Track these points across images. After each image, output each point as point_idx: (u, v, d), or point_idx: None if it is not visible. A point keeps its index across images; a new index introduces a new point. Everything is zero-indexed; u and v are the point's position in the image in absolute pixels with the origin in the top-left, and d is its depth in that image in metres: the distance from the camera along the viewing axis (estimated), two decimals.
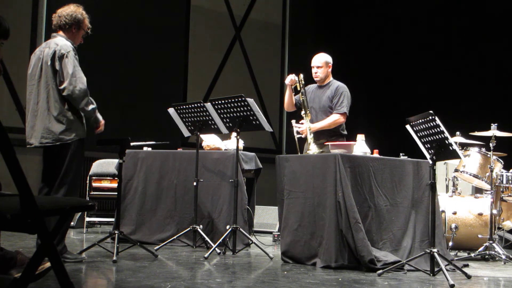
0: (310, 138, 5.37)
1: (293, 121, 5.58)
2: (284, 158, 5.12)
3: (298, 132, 5.51)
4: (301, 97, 5.56)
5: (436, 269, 4.32)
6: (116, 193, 5.66)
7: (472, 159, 5.87)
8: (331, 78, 5.72)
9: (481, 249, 5.44)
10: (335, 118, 5.54)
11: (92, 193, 7.13)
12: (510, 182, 5.67)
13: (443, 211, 5.73)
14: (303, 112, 5.54)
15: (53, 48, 4.40)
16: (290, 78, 5.59)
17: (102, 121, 4.60)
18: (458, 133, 6.10)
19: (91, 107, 4.45)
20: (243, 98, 5.23)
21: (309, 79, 5.65)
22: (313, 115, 5.59)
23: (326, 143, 5.30)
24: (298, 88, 5.64)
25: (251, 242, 5.66)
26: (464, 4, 8.97)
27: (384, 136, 7.49)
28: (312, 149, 5.27)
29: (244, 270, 4.53)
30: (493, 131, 5.59)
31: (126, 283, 3.69)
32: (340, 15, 10.44)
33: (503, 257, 5.25)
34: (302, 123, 5.51)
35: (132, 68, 8.92)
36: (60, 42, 4.43)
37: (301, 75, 5.55)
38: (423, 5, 9.43)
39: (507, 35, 8.47)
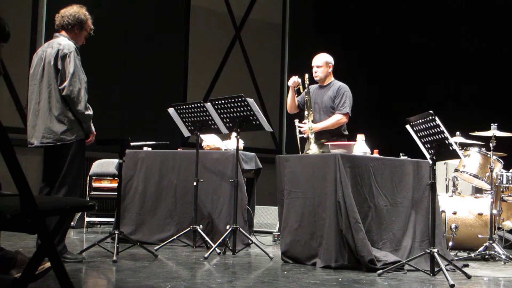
0: (311, 138, 5.37)
1: (296, 121, 5.57)
2: (284, 158, 5.12)
3: (300, 132, 5.51)
4: (305, 96, 5.56)
5: (436, 269, 4.33)
6: (116, 193, 5.66)
7: (472, 159, 5.87)
8: (332, 78, 5.72)
9: (481, 249, 5.44)
10: (338, 118, 5.54)
11: (92, 193, 7.13)
12: (510, 182, 5.67)
13: (443, 211, 5.73)
14: (306, 112, 5.53)
15: (56, 48, 4.40)
16: (293, 80, 5.59)
17: (94, 132, 4.55)
18: (458, 133, 6.10)
19: (87, 112, 4.43)
20: (243, 98, 5.23)
21: (310, 80, 5.65)
22: (315, 115, 5.58)
23: (326, 143, 5.30)
24: (301, 90, 5.64)
25: (251, 242, 5.66)
26: (465, 5, 8.97)
27: (384, 136, 7.50)
28: (313, 148, 5.27)
29: (244, 270, 4.53)
30: (493, 131, 5.59)
31: (126, 283, 3.69)
32: (340, 15, 10.44)
33: (503, 257, 5.26)
34: (304, 123, 5.50)
35: (132, 68, 8.92)
36: (63, 42, 4.44)
37: (306, 75, 5.54)
38: (424, 5, 9.44)
39: (508, 35, 8.47)
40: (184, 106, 5.73)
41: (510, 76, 8.33)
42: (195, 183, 5.59)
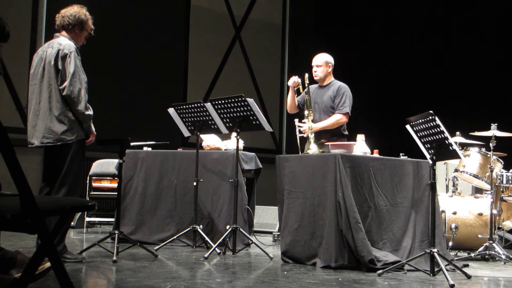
0: (311, 137, 5.36)
1: (296, 120, 5.57)
2: (284, 158, 5.12)
3: (300, 131, 5.51)
4: (305, 96, 5.56)
5: (436, 269, 4.33)
6: (116, 193, 5.66)
7: (472, 159, 5.87)
8: (332, 78, 5.72)
9: (481, 249, 5.44)
10: (338, 118, 5.54)
11: (92, 193, 7.13)
12: (510, 182, 5.67)
13: (443, 211, 5.74)
14: (306, 111, 5.53)
15: (56, 48, 4.41)
16: (293, 80, 5.59)
17: (94, 132, 4.55)
18: (458, 133, 6.10)
19: (87, 112, 4.44)
20: (243, 98, 5.23)
21: (310, 79, 5.65)
22: (315, 114, 5.58)
23: (326, 143, 5.30)
24: (301, 90, 5.64)
25: (251, 242, 5.66)
26: (465, 4, 8.97)
27: (384, 136, 7.50)
28: (312, 148, 5.27)
29: (244, 270, 4.53)
30: (493, 131, 5.59)
31: (126, 283, 3.69)
32: (340, 15, 10.44)
33: (503, 257, 5.26)
34: (304, 122, 5.50)
35: (132, 68, 8.92)
36: (63, 42, 4.45)
37: (306, 75, 5.55)
38: (423, 4, 9.44)
39: (508, 34, 8.47)
40: (184, 106, 5.73)
41: (510, 76, 8.33)
42: (195, 183, 5.59)
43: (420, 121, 4.38)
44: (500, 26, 8.61)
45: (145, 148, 6.29)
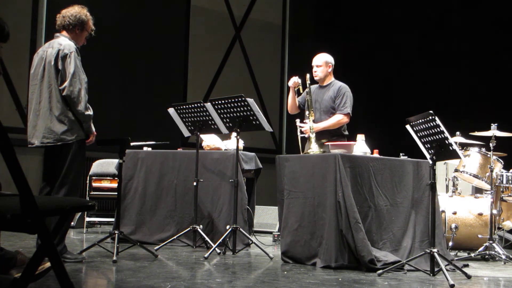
0: (312, 137, 5.36)
1: (297, 120, 5.57)
2: (284, 158, 5.12)
3: (301, 132, 5.51)
4: (306, 96, 5.56)
5: (436, 269, 4.33)
6: (116, 193, 5.66)
7: (472, 159, 5.87)
8: (332, 79, 5.72)
9: (481, 249, 5.44)
10: (339, 118, 5.54)
11: (92, 193, 7.13)
12: (510, 182, 5.67)
13: (443, 211, 5.74)
14: (307, 112, 5.53)
15: (56, 48, 4.41)
16: (294, 81, 5.59)
17: (94, 133, 4.55)
18: (458, 133, 6.10)
19: (87, 112, 4.44)
20: (243, 98, 5.23)
21: (311, 80, 5.64)
22: (316, 115, 5.58)
23: (326, 143, 5.30)
24: (301, 91, 5.64)
25: (251, 242, 5.67)
26: (464, 5, 8.97)
27: (384, 136, 7.49)
28: (313, 148, 5.26)
29: (244, 270, 4.53)
30: (493, 131, 5.59)
31: (126, 283, 3.70)
32: (340, 15, 10.44)
33: (503, 257, 5.26)
34: (305, 123, 5.50)
35: (132, 68, 8.92)
36: (64, 42, 4.45)
37: (307, 75, 5.54)
38: (423, 5, 9.44)
39: (508, 35, 8.47)
40: (184, 106, 5.73)
41: (510, 76, 8.33)
42: (195, 183, 5.59)
43: (420, 121, 4.38)
44: (500, 26, 8.60)
45: (145, 148, 6.29)
